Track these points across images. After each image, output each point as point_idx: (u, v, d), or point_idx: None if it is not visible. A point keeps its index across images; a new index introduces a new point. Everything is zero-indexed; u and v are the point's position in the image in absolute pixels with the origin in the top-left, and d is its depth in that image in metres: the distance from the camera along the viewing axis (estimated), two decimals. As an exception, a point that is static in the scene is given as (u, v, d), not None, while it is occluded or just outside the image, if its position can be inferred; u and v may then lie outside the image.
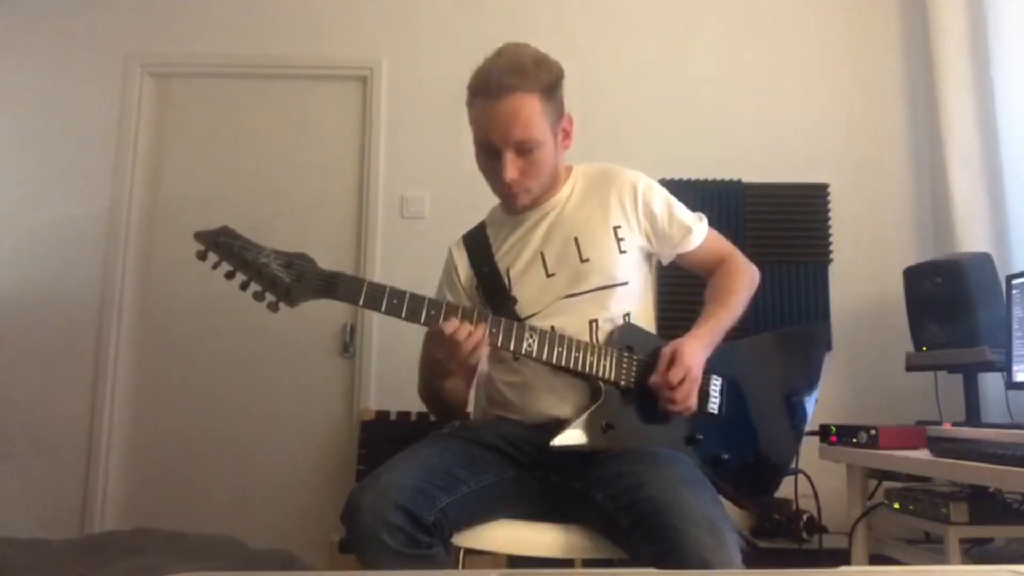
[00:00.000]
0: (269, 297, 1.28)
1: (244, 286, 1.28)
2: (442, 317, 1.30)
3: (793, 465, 1.54)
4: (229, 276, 1.28)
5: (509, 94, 1.38)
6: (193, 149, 3.16)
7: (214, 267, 1.28)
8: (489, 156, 1.45)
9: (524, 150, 1.42)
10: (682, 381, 1.35)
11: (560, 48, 1.43)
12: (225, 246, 1.28)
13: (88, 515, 2.86)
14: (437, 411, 1.56)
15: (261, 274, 1.28)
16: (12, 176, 3.08)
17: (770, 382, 1.55)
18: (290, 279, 1.28)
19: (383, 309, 1.29)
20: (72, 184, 3.06)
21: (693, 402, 1.39)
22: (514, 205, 1.51)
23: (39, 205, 3.05)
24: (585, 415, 1.37)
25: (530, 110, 1.40)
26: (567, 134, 1.51)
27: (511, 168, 1.43)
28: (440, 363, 1.36)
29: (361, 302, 1.29)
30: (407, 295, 1.31)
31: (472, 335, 1.29)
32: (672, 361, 1.36)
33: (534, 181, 1.47)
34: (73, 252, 3.01)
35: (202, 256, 1.28)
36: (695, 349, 1.39)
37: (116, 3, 3.16)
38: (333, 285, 1.28)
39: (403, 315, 1.30)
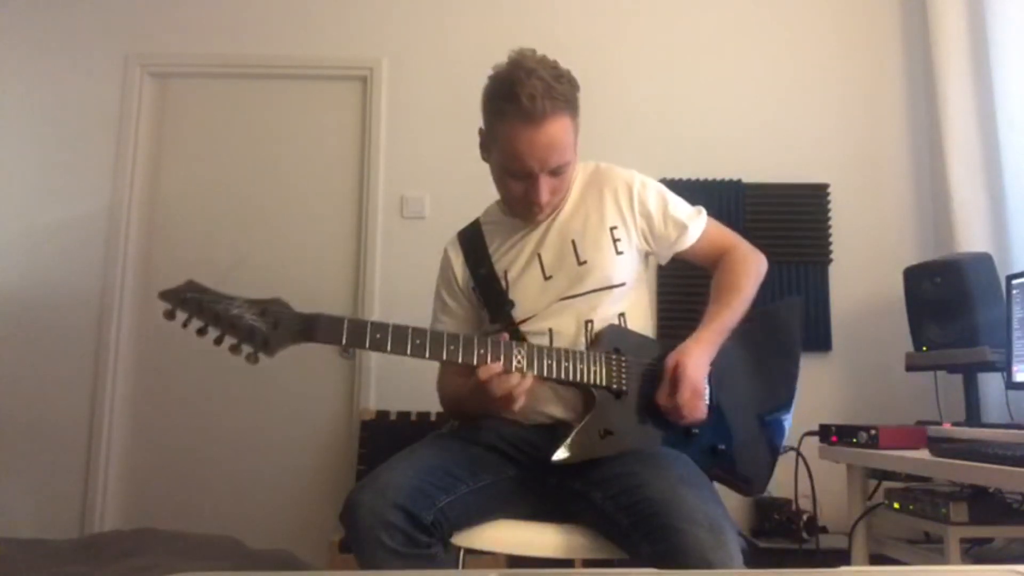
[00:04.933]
0: (246, 349, 1.22)
1: (219, 341, 1.22)
2: (428, 345, 1.28)
3: (786, 443, 1.55)
4: (201, 332, 1.21)
5: (549, 121, 1.35)
6: (193, 149, 3.16)
7: (184, 325, 1.22)
8: (518, 178, 1.42)
9: (556, 172, 1.42)
10: (674, 384, 1.35)
11: (559, 48, 1.43)
12: (193, 302, 1.22)
13: (88, 515, 2.86)
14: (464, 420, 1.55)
15: (235, 326, 1.21)
16: (12, 176, 3.08)
17: (754, 365, 1.55)
18: (266, 327, 1.22)
19: (367, 345, 1.25)
20: (72, 184, 3.06)
21: (702, 413, 1.38)
22: (535, 219, 1.51)
23: (39, 205, 3.05)
24: (581, 425, 1.36)
25: (565, 134, 1.39)
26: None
27: (545, 191, 1.42)
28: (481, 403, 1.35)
29: (344, 341, 1.24)
30: (390, 327, 1.26)
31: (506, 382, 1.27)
32: (676, 377, 1.36)
33: (558, 196, 1.48)
34: (73, 252, 3.01)
35: (170, 316, 1.22)
36: (698, 361, 1.38)
37: (116, 3, 3.16)
38: (312, 328, 1.23)
39: (388, 348, 1.25)
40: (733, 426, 1.48)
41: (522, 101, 1.32)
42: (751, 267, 1.55)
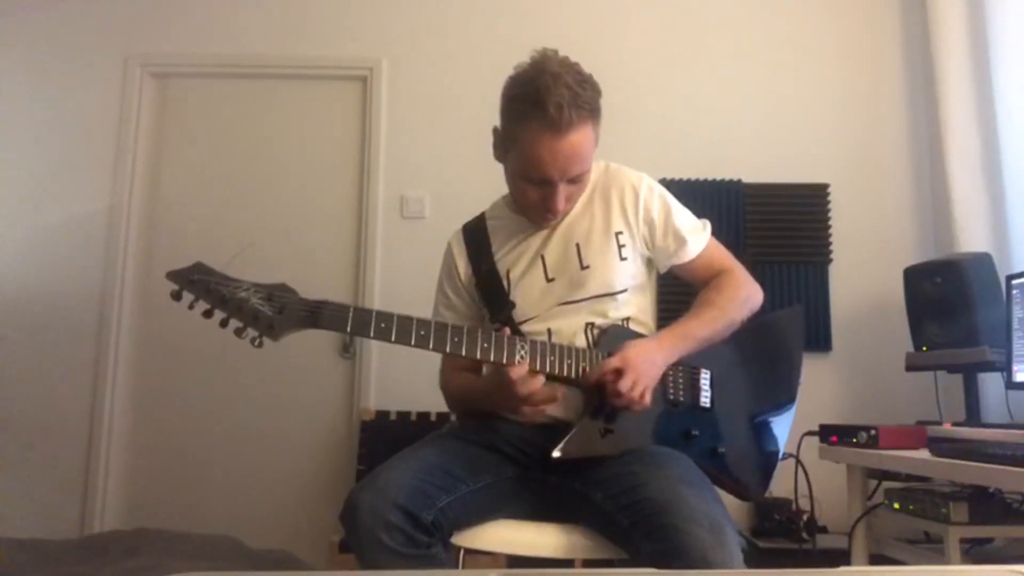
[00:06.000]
0: (251, 332, 1.22)
1: (224, 323, 1.22)
2: (432, 336, 1.28)
3: (785, 449, 1.55)
4: (207, 315, 1.21)
5: (573, 130, 1.33)
6: (193, 149, 3.16)
7: (191, 306, 1.21)
8: (536, 184, 1.40)
9: (575, 180, 1.41)
10: (619, 372, 1.30)
11: (561, 48, 1.42)
12: (201, 284, 1.21)
13: (88, 515, 2.86)
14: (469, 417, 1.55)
15: (241, 309, 1.21)
16: (12, 176, 3.08)
17: (755, 371, 1.55)
18: (272, 312, 1.22)
19: (372, 334, 1.25)
20: (72, 184, 3.06)
21: (636, 391, 1.31)
22: (548, 225, 1.50)
23: (39, 205, 3.05)
24: (583, 422, 1.36)
25: (588, 142, 1.37)
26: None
27: (562, 199, 1.41)
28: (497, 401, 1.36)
29: (349, 329, 1.24)
30: (395, 317, 1.26)
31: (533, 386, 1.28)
32: (612, 354, 1.34)
33: (573, 202, 1.48)
34: (73, 252, 3.01)
35: (176, 296, 1.21)
36: (644, 349, 1.35)
37: (116, 3, 3.16)
38: (318, 314, 1.23)
39: (393, 338, 1.25)
40: (733, 430, 1.48)
41: (548, 110, 1.30)
42: (740, 291, 1.51)
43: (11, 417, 2.91)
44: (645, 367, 1.33)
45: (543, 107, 1.30)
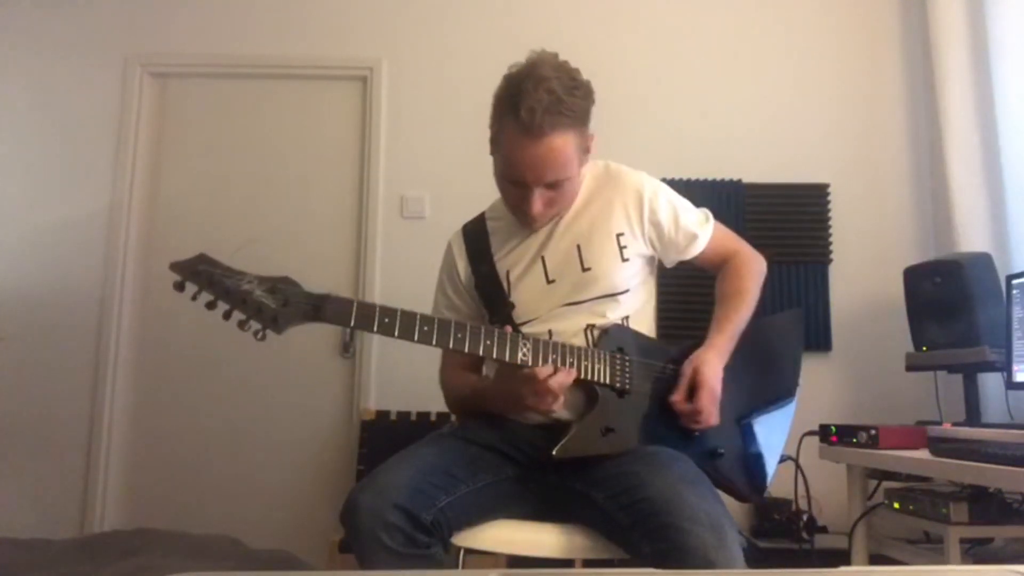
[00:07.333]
0: (255, 325, 1.22)
1: (227, 315, 1.22)
2: (435, 332, 1.28)
3: (784, 451, 1.56)
4: (210, 306, 1.21)
5: (548, 136, 1.32)
6: (193, 149, 3.15)
7: (194, 297, 1.21)
8: (516, 186, 1.41)
9: (553, 187, 1.41)
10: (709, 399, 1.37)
11: (561, 48, 1.42)
12: (205, 275, 1.21)
13: (88, 515, 2.86)
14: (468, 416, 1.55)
15: (245, 302, 1.21)
16: (12, 176, 3.08)
17: (754, 371, 1.55)
18: (276, 305, 1.22)
19: (375, 329, 1.25)
20: (72, 184, 3.06)
21: (716, 418, 1.39)
22: (532, 227, 1.50)
23: (39, 205, 3.05)
24: (583, 421, 1.36)
25: (566, 149, 1.36)
26: (588, 150, 1.46)
27: (538, 203, 1.41)
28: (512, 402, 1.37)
29: (352, 323, 1.24)
30: (398, 312, 1.26)
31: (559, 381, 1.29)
32: (696, 382, 1.37)
33: (556, 208, 1.47)
34: (73, 252, 3.01)
35: (179, 287, 1.21)
36: (716, 368, 1.40)
37: (116, 3, 3.16)
38: (321, 308, 1.24)
39: (396, 333, 1.26)
40: (732, 432, 1.49)
41: (520, 113, 1.31)
42: (754, 271, 1.58)
43: (11, 417, 2.91)
44: (719, 387, 1.40)
45: (517, 111, 1.31)
